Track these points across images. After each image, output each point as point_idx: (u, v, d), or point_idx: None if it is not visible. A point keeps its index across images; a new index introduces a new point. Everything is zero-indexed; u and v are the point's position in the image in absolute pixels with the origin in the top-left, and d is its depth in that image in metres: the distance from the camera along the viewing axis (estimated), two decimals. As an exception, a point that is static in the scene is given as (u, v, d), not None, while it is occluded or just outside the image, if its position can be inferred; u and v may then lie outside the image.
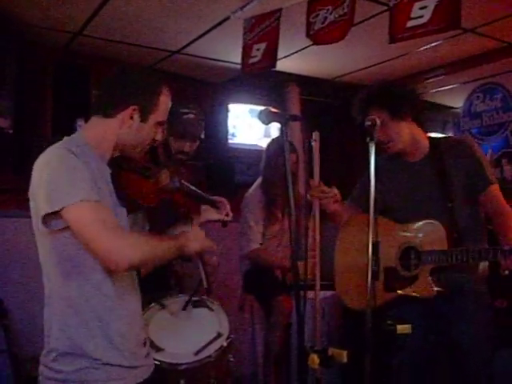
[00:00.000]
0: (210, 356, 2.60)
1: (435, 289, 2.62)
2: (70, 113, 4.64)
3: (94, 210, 1.76)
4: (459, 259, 2.54)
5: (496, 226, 2.66)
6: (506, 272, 2.43)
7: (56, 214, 1.76)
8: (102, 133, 1.97)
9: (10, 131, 4.06)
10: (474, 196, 2.72)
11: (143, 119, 1.98)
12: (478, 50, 4.71)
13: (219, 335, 2.72)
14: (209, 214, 2.44)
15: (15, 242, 4.08)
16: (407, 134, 2.75)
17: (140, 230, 2.22)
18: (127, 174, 2.06)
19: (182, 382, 2.51)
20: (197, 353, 2.59)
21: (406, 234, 2.79)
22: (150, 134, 2.04)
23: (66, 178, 1.76)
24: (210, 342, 2.66)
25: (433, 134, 3.08)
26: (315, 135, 3.17)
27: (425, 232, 2.71)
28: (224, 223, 2.66)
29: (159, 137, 2.10)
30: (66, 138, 1.94)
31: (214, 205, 2.45)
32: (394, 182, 2.91)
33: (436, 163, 2.76)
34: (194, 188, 2.50)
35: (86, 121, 2.07)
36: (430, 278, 2.64)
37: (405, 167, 2.86)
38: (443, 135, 5.45)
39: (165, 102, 2.04)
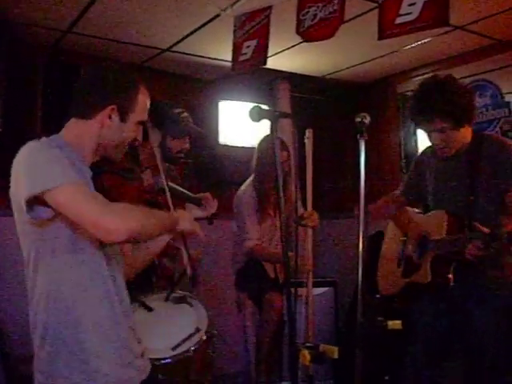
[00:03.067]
0: (187, 351, 2.61)
1: (429, 277, 2.71)
2: (60, 112, 4.61)
3: (80, 189, 1.72)
4: (448, 247, 2.63)
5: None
6: (469, 256, 2.48)
7: (40, 201, 1.72)
8: (81, 134, 1.94)
9: (-1, 130, 4.05)
10: (498, 194, 2.73)
11: (122, 119, 1.96)
12: (467, 47, 4.73)
13: (197, 330, 2.72)
14: (193, 212, 2.42)
15: (6, 241, 4.05)
16: (461, 139, 2.79)
17: None
18: (109, 177, 2.04)
19: (160, 377, 2.52)
20: (174, 348, 2.60)
21: (423, 224, 2.91)
22: (130, 134, 2.01)
23: (47, 163, 1.73)
24: (189, 337, 2.67)
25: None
26: (308, 132, 3.17)
27: (432, 222, 2.82)
28: (209, 220, 2.63)
29: (140, 136, 2.08)
30: (43, 139, 1.90)
31: (199, 203, 2.44)
32: (431, 174, 2.98)
33: (471, 158, 2.79)
34: (178, 187, 2.48)
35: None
36: (428, 265, 2.72)
37: (443, 160, 2.89)
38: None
39: (143, 100, 2.01)
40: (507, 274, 2.75)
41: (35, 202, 1.73)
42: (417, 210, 3.11)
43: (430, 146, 3.03)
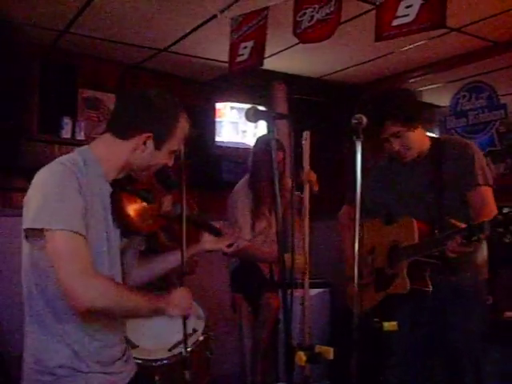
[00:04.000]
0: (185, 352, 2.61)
1: (408, 286, 2.65)
2: (56, 111, 4.63)
3: (72, 243, 1.73)
4: (425, 250, 2.59)
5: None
6: (451, 254, 2.47)
7: (39, 233, 1.75)
8: (111, 152, 1.95)
9: (-4, 129, 4.04)
10: (463, 194, 2.73)
11: (157, 147, 1.97)
12: (463, 49, 4.74)
13: (194, 331, 2.72)
14: (208, 244, 2.39)
15: (2, 241, 4.05)
16: (420, 141, 2.79)
17: (132, 253, 2.19)
18: (128, 196, 2.02)
19: (156, 377, 2.52)
20: (171, 349, 2.60)
21: (392, 233, 2.84)
22: (161, 161, 2.03)
23: (57, 200, 1.74)
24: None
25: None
26: (306, 134, 3.17)
27: (402, 230, 2.76)
28: (224, 252, 2.62)
29: (171, 163, 2.08)
30: (76, 150, 1.94)
31: (216, 233, 2.40)
32: (391, 182, 2.95)
33: (432, 162, 2.78)
34: (197, 215, 2.46)
35: (73, 119, 2.05)
36: (405, 273, 2.66)
37: (402, 167, 2.88)
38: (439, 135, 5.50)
39: (181, 131, 2.03)
40: (480, 272, 2.78)
41: (34, 232, 1.76)
42: (383, 221, 2.99)
43: (386, 160, 3.02)
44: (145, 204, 2.08)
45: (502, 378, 3.42)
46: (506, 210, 2.24)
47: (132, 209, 2.03)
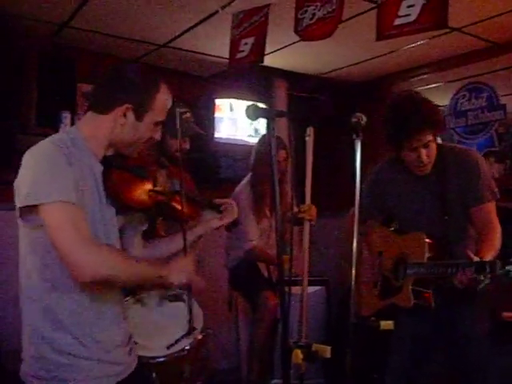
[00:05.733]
0: (182, 350, 2.60)
1: (413, 301, 2.63)
2: (55, 105, 4.62)
3: (69, 214, 1.73)
4: (434, 273, 2.55)
5: (478, 241, 2.65)
6: (458, 285, 2.44)
7: (34, 210, 1.74)
8: (94, 128, 1.95)
9: (-5, 122, 4.04)
10: (467, 209, 2.71)
11: (138, 118, 1.95)
12: (464, 49, 4.74)
13: (193, 329, 2.72)
14: (211, 223, 2.36)
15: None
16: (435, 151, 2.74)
17: (131, 232, 2.19)
18: (120, 173, 2.01)
19: (153, 375, 2.51)
20: (169, 346, 2.60)
21: (400, 244, 2.82)
22: (145, 133, 2.00)
23: (49, 175, 1.74)
24: (183, 336, 2.67)
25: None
26: (309, 130, 3.15)
27: (411, 243, 2.73)
28: (227, 228, 2.56)
29: (158, 136, 2.07)
30: (61, 131, 1.93)
31: (217, 209, 2.37)
32: (398, 190, 2.91)
33: (439, 174, 2.75)
34: (194, 191, 2.44)
35: (72, 113, 2.04)
36: (410, 289, 2.65)
37: (410, 176, 2.83)
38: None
39: (162, 101, 2.00)
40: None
41: (30, 210, 1.75)
42: (392, 229, 2.96)
43: (389, 164, 2.99)
44: (137, 179, 2.07)
45: (500, 378, 3.42)
46: None
47: (124, 184, 2.01)
